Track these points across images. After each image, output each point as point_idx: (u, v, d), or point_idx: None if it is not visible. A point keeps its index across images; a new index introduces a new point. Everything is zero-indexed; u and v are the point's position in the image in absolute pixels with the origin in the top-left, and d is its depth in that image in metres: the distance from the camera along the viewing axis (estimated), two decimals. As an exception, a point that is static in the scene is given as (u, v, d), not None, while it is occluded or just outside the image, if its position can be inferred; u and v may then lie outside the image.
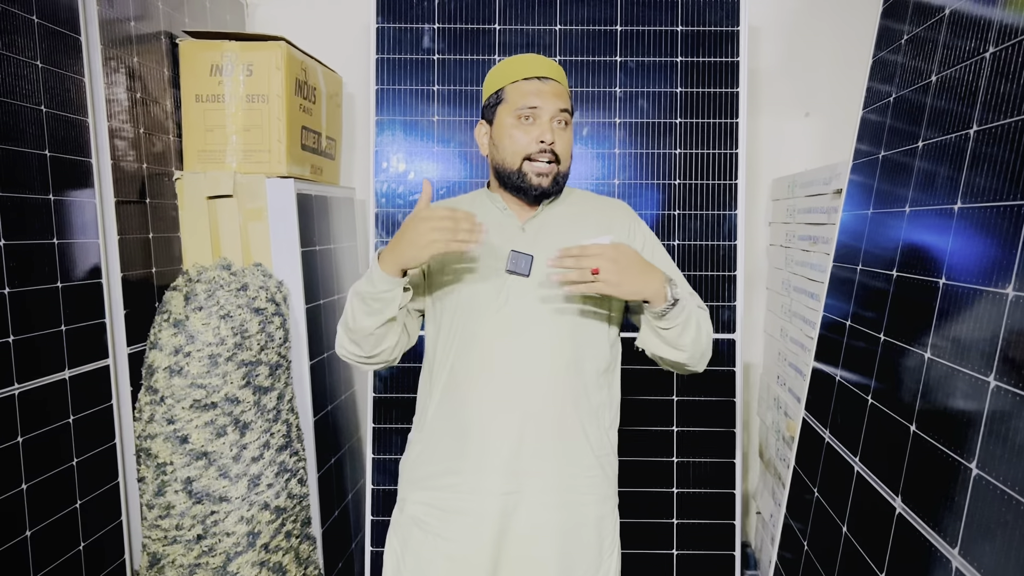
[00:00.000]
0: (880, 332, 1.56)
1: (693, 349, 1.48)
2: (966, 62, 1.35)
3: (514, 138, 1.53)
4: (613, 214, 1.65)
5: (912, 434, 1.34)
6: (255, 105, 2.38)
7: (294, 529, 2.29)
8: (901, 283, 1.49)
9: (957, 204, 1.30)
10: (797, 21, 2.98)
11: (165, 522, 2.07)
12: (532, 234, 1.57)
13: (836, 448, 1.71)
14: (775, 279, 2.89)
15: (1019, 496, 1.00)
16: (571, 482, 1.54)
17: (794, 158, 2.97)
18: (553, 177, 1.53)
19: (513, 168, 1.54)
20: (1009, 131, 1.16)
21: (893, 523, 1.36)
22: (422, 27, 2.55)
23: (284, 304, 2.32)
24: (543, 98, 1.51)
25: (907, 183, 1.54)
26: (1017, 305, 1.07)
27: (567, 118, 1.55)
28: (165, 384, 2.05)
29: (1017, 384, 1.04)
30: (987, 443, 1.10)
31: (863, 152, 1.85)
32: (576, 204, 1.66)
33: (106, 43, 2.03)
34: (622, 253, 1.38)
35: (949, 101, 1.40)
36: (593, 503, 1.57)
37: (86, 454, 1.95)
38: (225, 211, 2.37)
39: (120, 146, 2.09)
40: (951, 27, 1.44)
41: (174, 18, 2.41)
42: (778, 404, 2.74)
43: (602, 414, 1.60)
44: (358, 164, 3.12)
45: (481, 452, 1.51)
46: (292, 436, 2.31)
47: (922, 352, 1.35)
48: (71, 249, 1.91)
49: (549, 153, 1.51)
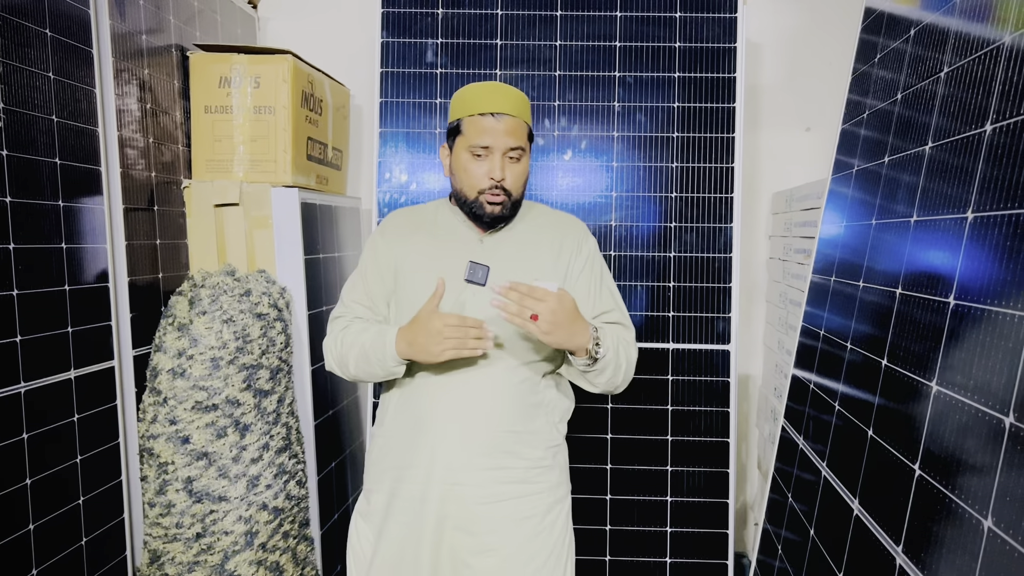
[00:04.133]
0: (847, 341, 1.60)
1: (606, 387, 1.65)
2: (930, 77, 1.39)
3: (468, 171, 1.64)
4: (566, 231, 1.77)
5: (870, 439, 1.37)
6: (262, 116, 2.45)
7: (292, 530, 2.34)
8: (866, 292, 1.53)
9: (913, 217, 1.34)
10: (797, 37, 3.02)
11: (166, 520, 2.13)
12: (491, 246, 1.70)
13: (808, 455, 1.74)
14: (773, 292, 2.92)
15: (952, 495, 1.03)
16: (522, 474, 1.66)
17: (795, 172, 3.00)
18: (503, 206, 1.65)
19: (470, 198, 1.66)
20: (967, 144, 1.20)
21: (851, 524, 1.39)
22: (426, 42, 2.61)
23: (286, 310, 2.38)
24: (495, 136, 1.61)
25: (876, 194, 1.58)
26: (956, 313, 1.11)
27: (519, 153, 1.65)
28: (168, 386, 2.11)
29: (956, 389, 1.08)
30: (929, 444, 1.13)
31: (842, 164, 1.88)
32: (533, 219, 1.78)
33: (118, 55, 2.11)
34: (563, 306, 1.47)
35: (915, 112, 1.44)
36: (545, 491, 1.69)
37: (90, 452, 2.02)
38: (231, 219, 2.44)
39: (130, 155, 2.16)
40: (919, 42, 1.48)
41: (185, 32, 2.49)
42: (775, 416, 2.76)
43: (551, 410, 1.73)
44: (365, 174, 3.18)
45: (434, 444, 1.64)
46: (291, 439, 2.36)
47: (879, 359, 1.39)
48: (79, 253, 1.98)
49: (499, 190, 1.63)
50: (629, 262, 2.58)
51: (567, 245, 1.73)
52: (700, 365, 2.58)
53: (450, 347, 1.48)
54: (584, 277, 1.73)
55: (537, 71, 2.59)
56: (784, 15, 3.01)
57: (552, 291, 1.46)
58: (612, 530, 2.58)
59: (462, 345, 1.48)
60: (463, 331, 1.48)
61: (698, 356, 2.57)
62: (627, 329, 1.73)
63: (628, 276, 2.58)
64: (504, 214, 1.66)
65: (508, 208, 1.66)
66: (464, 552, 1.64)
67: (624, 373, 1.64)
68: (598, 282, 1.74)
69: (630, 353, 1.67)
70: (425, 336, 1.50)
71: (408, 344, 1.54)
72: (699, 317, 2.57)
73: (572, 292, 1.66)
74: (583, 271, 1.73)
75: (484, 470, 1.64)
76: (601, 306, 1.73)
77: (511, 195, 1.65)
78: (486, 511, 1.64)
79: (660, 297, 2.57)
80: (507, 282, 1.46)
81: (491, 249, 1.70)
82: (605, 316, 1.72)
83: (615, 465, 2.57)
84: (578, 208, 2.59)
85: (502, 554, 1.63)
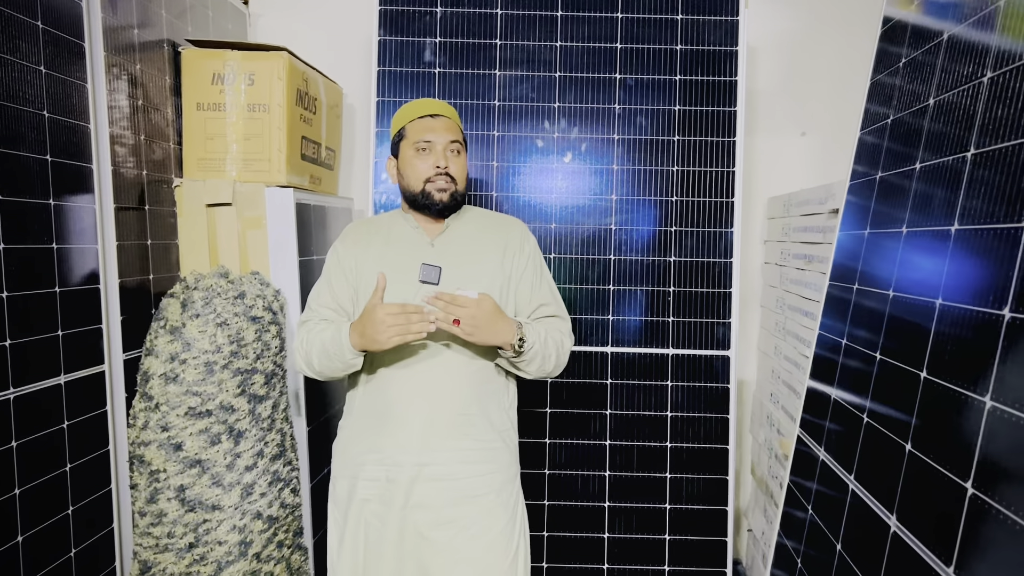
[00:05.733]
0: (876, 351, 1.57)
1: (538, 374, 1.85)
2: (963, 86, 1.37)
3: (415, 166, 1.85)
4: (509, 231, 1.95)
5: (908, 453, 1.35)
6: (256, 114, 2.39)
7: (286, 539, 2.28)
8: (897, 303, 1.51)
9: (954, 226, 1.32)
10: (794, 42, 3.01)
11: (157, 530, 2.06)
12: (440, 248, 1.88)
13: (832, 467, 1.72)
14: (769, 297, 2.91)
15: (1010, 513, 1.01)
16: (475, 455, 1.82)
17: (790, 177, 3.00)
18: (451, 193, 1.85)
19: (417, 190, 1.85)
20: (1005, 154, 1.18)
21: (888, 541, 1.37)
22: (424, 41, 2.57)
23: (281, 313, 2.32)
24: (435, 132, 1.85)
25: (905, 203, 1.55)
26: (1013, 326, 1.08)
27: (459, 147, 1.88)
28: (160, 391, 2.05)
29: (1014, 405, 1.05)
30: (982, 460, 1.11)
31: (860, 173, 1.86)
32: (477, 221, 1.97)
33: (109, 50, 2.04)
34: (482, 310, 1.67)
35: (945, 124, 1.42)
36: (498, 470, 1.85)
37: (80, 460, 1.95)
38: (223, 219, 2.37)
39: (120, 152, 2.09)
40: (948, 52, 1.47)
41: (176, 26, 2.42)
42: (771, 422, 2.74)
43: (501, 396, 1.90)
44: (356, 174, 3.13)
45: (397, 430, 1.80)
46: (286, 445, 2.31)
47: (918, 372, 1.37)
48: (70, 254, 1.91)
49: (445, 176, 1.84)
50: (629, 266, 2.55)
51: (511, 244, 1.92)
52: (700, 371, 2.56)
53: (395, 333, 1.63)
54: (528, 274, 1.92)
55: (537, 72, 2.56)
56: (779, 19, 3.00)
57: (472, 298, 1.66)
58: (611, 538, 2.55)
59: (406, 331, 1.63)
60: (405, 317, 1.63)
61: (698, 362, 2.55)
62: (563, 320, 1.94)
63: (628, 281, 2.55)
64: (451, 203, 1.85)
65: (455, 196, 1.85)
66: (423, 526, 1.79)
67: (555, 361, 1.85)
68: (538, 278, 1.94)
69: (563, 342, 1.87)
70: (372, 326, 1.65)
71: (360, 335, 1.69)
72: (699, 322, 2.55)
73: (516, 287, 1.90)
74: (526, 268, 1.92)
75: (446, 451, 1.80)
76: (539, 299, 1.93)
77: (456, 183, 1.85)
78: (447, 487, 1.79)
79: (660, 302, 2.55)
80: (433, 293, 1.68)
81: (441, 251, 1.87)
82: (544, 309, 1.92)
83: (614, 472, 2.54)
84: (578, 211, 2.56)
85: (458, 525, 1.79)
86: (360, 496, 1.83)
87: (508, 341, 1.73)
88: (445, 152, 1.85)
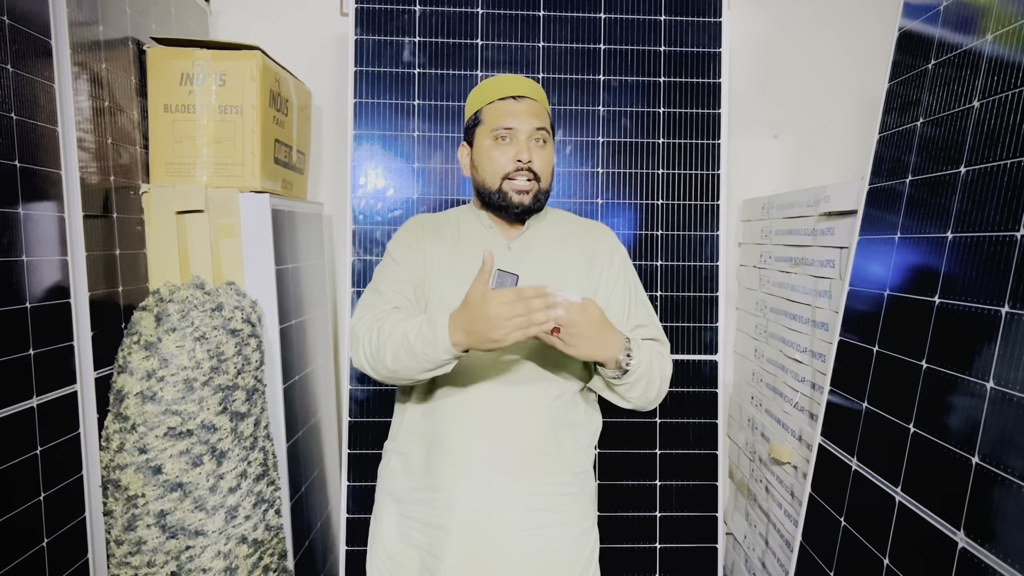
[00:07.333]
0: (922, 360, 1.55)
1: (639, 402, 1.51)
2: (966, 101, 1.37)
3: (492, 159, 1.54)
4: (598, 238, 1.67)
5: (975, 467, 1.33)
6: (228, 116, 2.27)
7: (272, 563, 2.16)
8: (945, 309, 1.50)
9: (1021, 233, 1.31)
10: (768, 44, 3.02)
11: (136, 559, 1.93)
12: (518, 252, 1.58)
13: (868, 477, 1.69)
14: (747, 299, 2.91)
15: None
16: (547, 501, 1.52)
17: (762, 180, 3.00)
18: (533, 194, 1.55)
19: (493, 188, 1.55)
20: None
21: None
22: (402, 40, 2.48)
23: (259, 325, 2.21)
24: (518, 118, 1.53)
25: (949, 208, 1.54)
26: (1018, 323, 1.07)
27: (545, 136, 1.56)
28: (137, 411, 1.91)
29: None
30: None
31: (880, 177, 1.85)
32: (561, 225, 1.68)
33: (74, 47, 1.90)
34: (588, 316, 1.34)
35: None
36: (572, 521, 1.56)
37: (54, 487, 1.80)
38: (195, 227, 2.25)
39: (84, 157, 1.95)
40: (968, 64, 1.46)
41: (140, 23, 2.28)
42: (752, 425, 2.74)
43: (580, 432, 1.59)
44: (325, 178, 3.01)
45: (454, 466, 1.50)
46: (269, 464, 2.19)
47: (984, 382, 1.35)
48: (39, 266, 1.77)
49: (527, 171, 1.53)
50: (616, 271, 2.51)
51: (599, 254, 1.63)
52: (687, 376, 2.53)
53: (513, 328, 1.25)
54: (619, 291, 1.62)
55: (519, 73, 2.50)
56: (752, 22, 3.01)
57: (576, 302, 1.33)
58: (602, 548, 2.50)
59: (528, 322, 1.25)
60: (523, 305, 1.25)
61: (685, 367, 2.53)
62: (663, 344, 1.61)
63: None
64: (533, 206, 1.56)
65: (537, 197, 1.56)
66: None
67: (658, 388, 1.51)
68: (633, 295, 1.64)
69: (664, 368, 1.54)
70: (484, 322, 1.27)
71: (465, 332, 1.31)
72: (686, 327, 2.52)
73: (605, 306, 1.55)
74: (617, 283, 1.62)
75: (511, 496, 1.49)
76: (636, 319, 1.62)
77: (540, 180, 1.55)
78: (508, 542, 1.48)
79: (647, 306, 2.52)
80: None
81: (518, 255, 1.58)
82: (640, 332, 1.60)
83: (603, 481, 2.49)
84: (562, 215, 2.51)
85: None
86: (409, 542, 1.57)
87: (614, 356, 1.40)
88: (529, 142, 1.53)
